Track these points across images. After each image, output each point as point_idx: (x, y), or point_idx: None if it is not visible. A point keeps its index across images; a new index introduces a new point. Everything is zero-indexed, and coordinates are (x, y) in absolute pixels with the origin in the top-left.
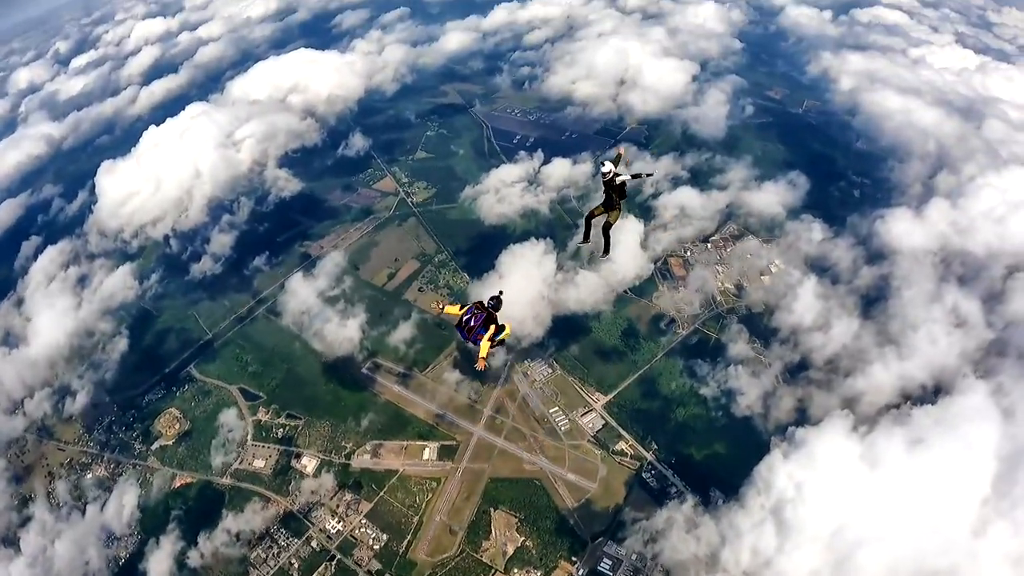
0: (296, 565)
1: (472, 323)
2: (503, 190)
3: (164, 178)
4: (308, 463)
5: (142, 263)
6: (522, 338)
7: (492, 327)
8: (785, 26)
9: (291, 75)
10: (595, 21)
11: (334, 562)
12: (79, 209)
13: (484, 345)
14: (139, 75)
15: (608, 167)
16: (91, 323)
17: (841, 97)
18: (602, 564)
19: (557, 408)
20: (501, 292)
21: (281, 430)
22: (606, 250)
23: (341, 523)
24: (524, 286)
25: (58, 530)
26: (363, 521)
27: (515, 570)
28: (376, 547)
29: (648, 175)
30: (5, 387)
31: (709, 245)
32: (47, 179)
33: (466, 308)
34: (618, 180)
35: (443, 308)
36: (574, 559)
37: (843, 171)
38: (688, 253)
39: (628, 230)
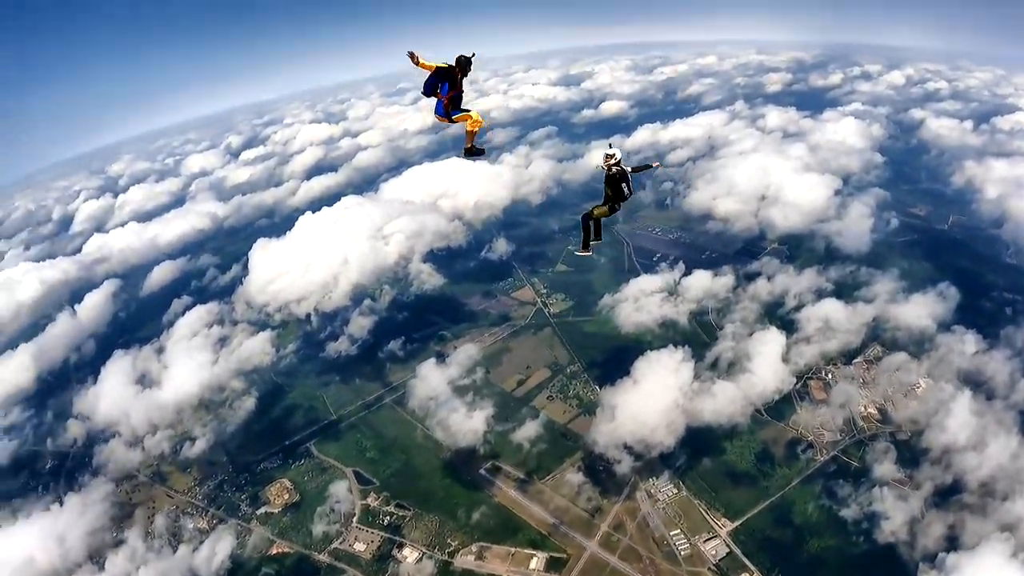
0: None
1: (431, 79)
2: (642, 299)
3: (314, 261)
4: (409, 555)
5: (281, 334)
6: (652, 447)
7: (448, 82)
8: (926, 139)
9: (442, 180)
10: (736, 140)
11: None
12: (231, 280)
13: (467, 119)
14: (301, 171)
15: (614, 151)
16: (224, 380)
17: (988, 206)
18: None
19: (679, 531)
20: (474, 54)
21: (388, 518)
22: (584, 244)
23: None
24: (659, 393)
25: (146, 559)
26: None
27: None
28: None
29: (656, 166)
30: (132, 422)
31: (852, 366)
32: (206, 250)
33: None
34: (613, 170)
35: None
36: None
37: (993, 285)
38: (829, 375)
39: (769, 342)
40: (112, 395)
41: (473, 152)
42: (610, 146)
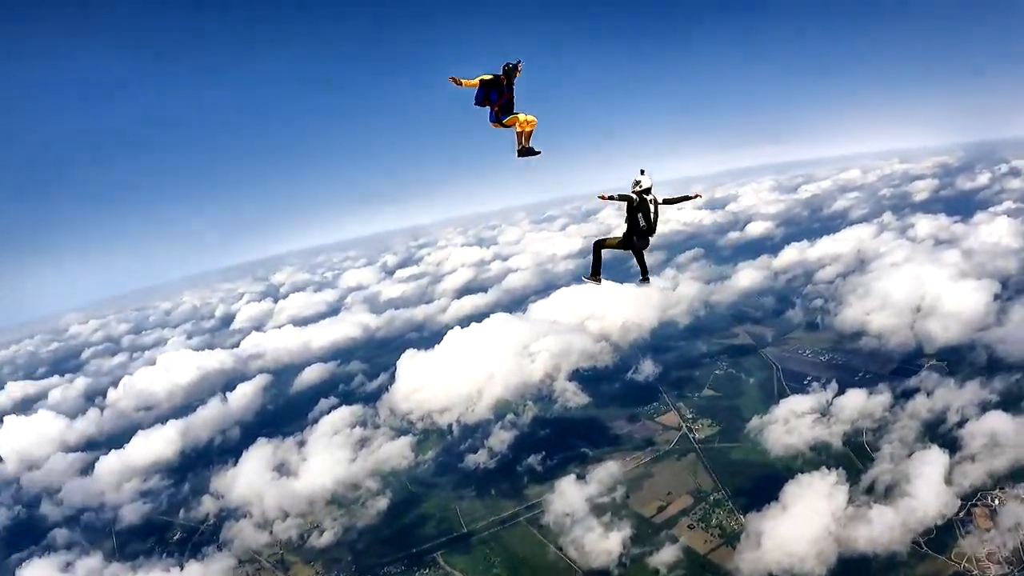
0: None
1: (480, 91)
2: (792, 421)
3: (460, 374)
4: None
5: (421, 442)
6: None
7: (496, 91)
8: None
9: (590, 302)
10: (886, 252)
11: None
12: (377, 387)
13: (515, 122)
14: (452, 291)
15: (642, 178)
16: (359, 479)
17: None
18: None
19: None
20: (520, 61)
21: None
22: (593, 272)
23: None
24: (809, 519)
25: None
26: None
27: None
28: None
29: (696, 196)
30: (264, 505)
31: (1021, 487)
32: (356, 357)
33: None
34: (635, 192)
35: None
36: None
37: None
38: (996, 500)
39: (930, 462)
40: (249, 478)
41: (526, 152)
42: (641, 172)
